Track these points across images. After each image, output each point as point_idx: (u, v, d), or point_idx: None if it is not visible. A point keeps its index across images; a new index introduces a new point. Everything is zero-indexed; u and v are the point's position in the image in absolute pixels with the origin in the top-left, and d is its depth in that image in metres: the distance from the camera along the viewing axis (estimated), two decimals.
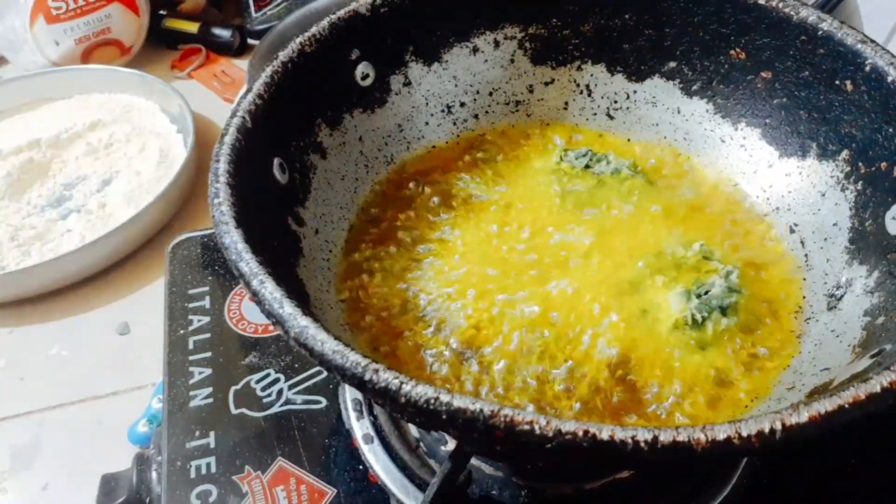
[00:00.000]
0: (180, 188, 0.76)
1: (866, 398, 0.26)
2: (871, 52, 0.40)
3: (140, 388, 0.61)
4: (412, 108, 0.50)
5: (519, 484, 0.41)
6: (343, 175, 0.46)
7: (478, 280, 0.42)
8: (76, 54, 0.95)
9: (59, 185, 0.79)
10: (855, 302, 0.39)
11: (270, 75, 0.40)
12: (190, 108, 0.83)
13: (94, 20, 0.94)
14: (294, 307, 0.29)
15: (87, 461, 0.56)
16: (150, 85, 0.89)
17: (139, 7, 0.98)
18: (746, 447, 0.24)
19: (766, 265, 0.44)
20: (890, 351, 0.32)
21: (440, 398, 0.25)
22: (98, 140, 0.83)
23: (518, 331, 0.40)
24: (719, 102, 0.49)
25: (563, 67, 0.52)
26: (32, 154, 0.80)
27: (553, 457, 0.24)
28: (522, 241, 0.45)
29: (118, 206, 0.75)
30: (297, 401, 0.48)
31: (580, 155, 0.49)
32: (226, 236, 0.31)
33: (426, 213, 0.47)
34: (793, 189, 0.46)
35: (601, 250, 0.44)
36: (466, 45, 0.50)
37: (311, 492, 0.43)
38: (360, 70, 0.47)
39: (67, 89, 0.91)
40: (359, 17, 0.45)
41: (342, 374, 0.27)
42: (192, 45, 1.03)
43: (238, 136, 0.36)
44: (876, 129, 0.40)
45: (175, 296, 0.56)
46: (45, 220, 0.74)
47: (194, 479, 0.44)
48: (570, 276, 0.42)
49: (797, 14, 0.43)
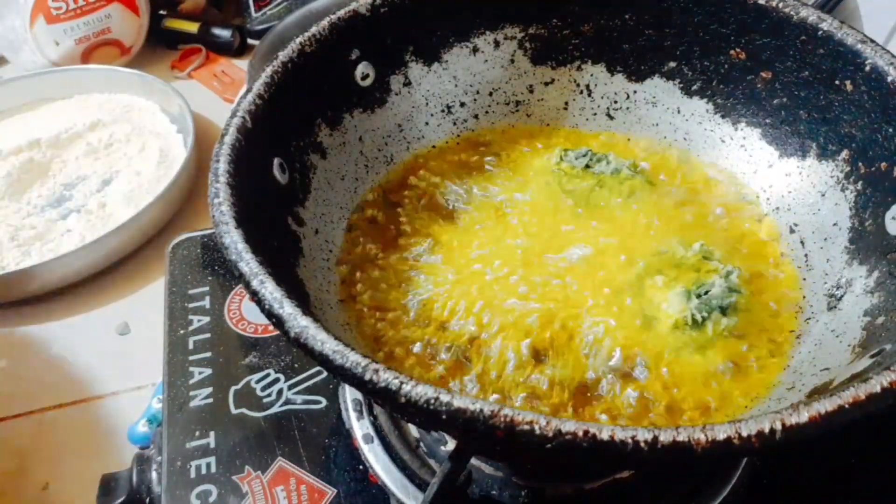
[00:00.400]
0: (180, 188, 0.76)
1: (866, 398, 0.26)
2: (871, 52, 0.40)
3: (140, 388, 0.61)
4: (412, 108, 0.50)
5: (519, 484, 0.41)
6: (343, 175, 0.46)
7: (477, 280, 0.42)
8: (76, 54, 0.95)
9: (59, 185, 0.79)
10: (855, 302, 0.38)
11: (270, 75, 0.40)
12: (190, 108, 0.83)
13: (94, 20, 0.94)
14: (294, 307, 0.29)
15: (87, 461, 0.56)
16: (150, 85, 0.89)
17: (139, 7, 0.98)
18: (746, 447, 0.24)
19: (765, 265, 0.44)
20: (890, 351, 0.32)
21: (440, 398, 0.25)
22: (98, 140, 0.83)
23: (518, 331, 0.40)
24: (719, 102, 0.49)
25: (563, 67, 0.52)
26: (32, 154, 0.80)
27: (553, 457, 0.24)
28: (522, 241, 0.45)
29: (118, 206, 0.75)
30: (297, 401, 0.48)
31: (580, 155, 0.49)
32: (226, 236, 0.31)
33: (426, 213, 0.47)
34: (793, 189, 0.46)
35: (601, 250, 0.44)
36: (466, 45, 0.50)
37: (311, 492, 0.43)
38: (360, 70, 0.47)
39: (67, 89, 0.91)
40: (359, 17, 0.45)
41: (342, 374, 0.27)
42: (192, 45, 1.03)
43: (238, 136, 0.36)
44: (876, 129, 0.40)
45: (175, 296, 0.56)
46: (45, 220, 0.74)
47: (194, 479, 0.44)
48: (569, 277, 0.42)
49: (797, 14, 0.43)
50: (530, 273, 0.43)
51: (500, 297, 0.41)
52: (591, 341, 0.39)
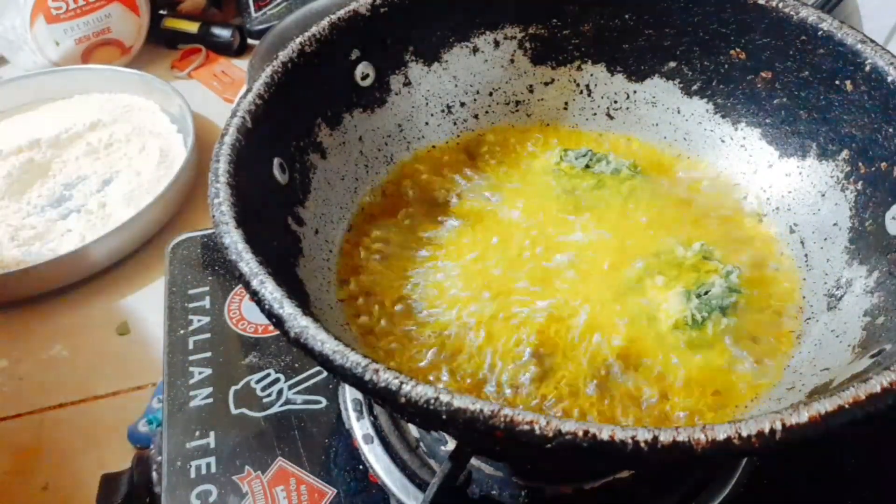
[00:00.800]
0: (180, 188, 0.76)
1: (866, 398, 0.26)
2: (871, 52, 0.40)
3: (140, 388, 0.61)
4: (412, 108, 0.50)
5: (519, 484, 0.41)
6: (343, 175, 0.46)
7: (477, 280, 0.42)
8: (76, 54, 0.95)
9: (59, 185, 0.79)
10: (855, 302, 0.39)
11: (270, 75, 0.40)
12: (190, 108, 0.83)
13: (94, 20, 0.94)
14: (294, 307, 0.29)
15: (87, 461, 0.56)
16: (150, 85, 0.89)
17: (139, 7, 0.98)
18: (746, 447, 0.24)
19: (765, 265, 0.44)
20: (890, 351, 0.32)
21: (440, 398, 0.25)
22: (98, 140, 0.83)
23: (517, 331, 0.40)
24: (719, 102, 0.49)
25: (563, 67, 0.52)
26: (32, 154, 0.80)
27: (553, 457, 0.24)
28: (522, 241, 0.45)
29: (118, 206, 0.75)
30: (297, 401, 0.48)
31: (580, 155, 0.49)
32: (226, 236, 0.31)
33: (426, 213, 0.47)
34: (793, 189, 0.46)
35: (601, 250, 0.44)
36: (466, 45, 0.50)
37: (311, 492, 0.43)
38: (360, 70, 0.47)
39: (67, 89, 0.91)
40: (359, 17, 0.45)
41: (342, 374, 0.27)
42: (192, 45, 1.03)
43: (238, 136, 0.36)
44: (876, 129, 0.40)
45: (175, 296, 0.56)
46: (45, 220, 0.74)
47: (194, 479, 0.44)
48: (569, 276, 0.42)
49: (797, 14, 0.43)
50: (530, 273, 0.43)
51: (500, 298, 0.41)
52: (591, 340, 0.39)
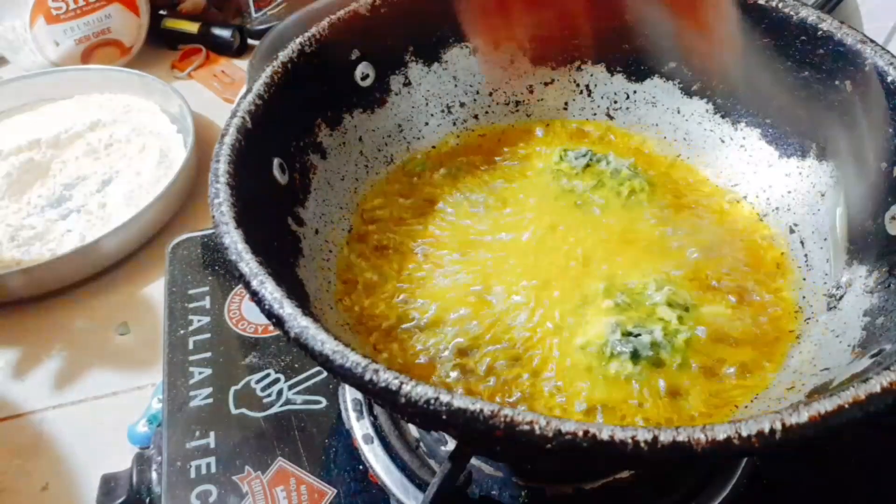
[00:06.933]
0: (180, 188, 0.76)
1: (866, 398, 0.26)
2: (871, 52, 0.40)
3: (140, 388, 0.61)
4: (412, 108, 0.50)
5: (519, 484, 0.41)
6: (343, 175, 0.46)
7: (476, 280, 0.42)
8: (76, 54, 0.95)
9: (59, 185, 0.79)
10: (855, 302, 0.39)
11: (270, 75, 0.40)
12: (190, 109, 0.83)
13: (94, 20, 0.94)
14: (294, 307, 0.29)
15: (87, 461, 0.56)
16: (150, 85, 0.89)
17: (139, 7, 0.98)
18: (746, 447, 0.24)
19: (765, 265, 0.44)
20: (890, 351, 0.32)
21: (440, 398, 0.25)
22: (98, 140, 0.83)
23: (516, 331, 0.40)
24: (719, 102, 0.49)
25: (563, 67, 0.52)
26: (32, 154, 0.80)
27: (553, 457, 0.24)
28: (522, 241, 0.45)
29: (118, 206, 0.75)
30: (297, 401, 0.48)
31: (580, 155, 0.49)
32: (226, 236, 0.31)
33: (425, 213, 0.47)
34: (793, 189, 0.46)
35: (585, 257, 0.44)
36: (466, 45, 0.50)
37: (311, 492, 0.43)
38: (360, 70, 0.47)
39: (67, 89, 0.91)
40: (359, 17, 0.45)
41: (342, 375, 0.27)
42: (192, 45, 1.03)
43: (238, 136, 0.36)
44: (876, 129, 0.40)
45: (175, 296, 0.56)
46: (45, 220, 0.74)
47: (194, 479, 0.44)
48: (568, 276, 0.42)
49: (797, 14, 0.43)
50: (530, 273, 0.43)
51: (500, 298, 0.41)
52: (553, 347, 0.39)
